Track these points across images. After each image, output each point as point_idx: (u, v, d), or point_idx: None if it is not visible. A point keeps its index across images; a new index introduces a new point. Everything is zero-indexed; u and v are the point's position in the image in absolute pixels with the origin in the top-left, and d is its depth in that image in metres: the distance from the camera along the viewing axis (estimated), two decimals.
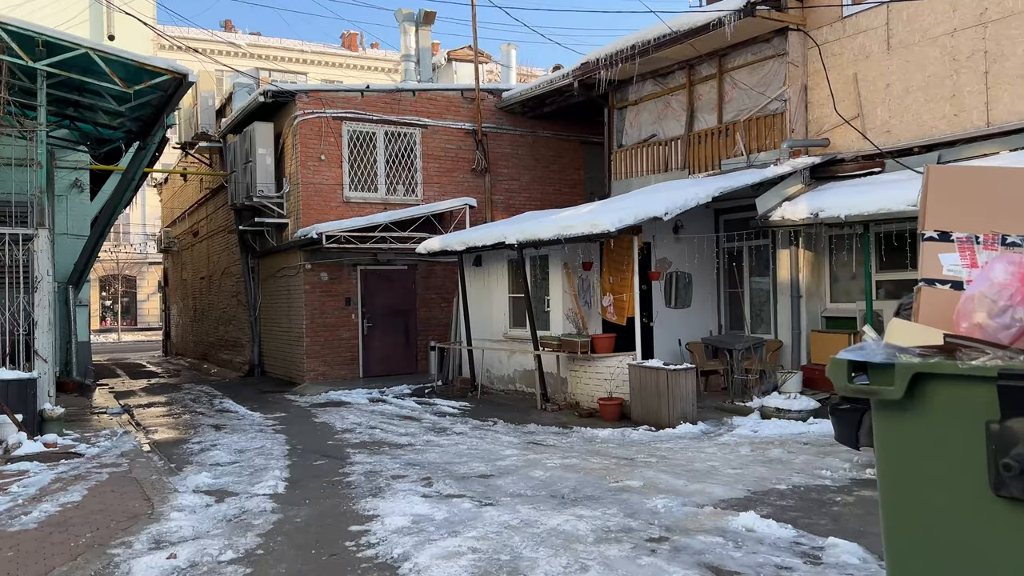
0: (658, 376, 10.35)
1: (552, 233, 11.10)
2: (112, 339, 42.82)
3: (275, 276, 18.36)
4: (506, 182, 18.81)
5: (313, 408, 13.21)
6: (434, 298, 17.84)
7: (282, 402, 14.26)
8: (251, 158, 17.08)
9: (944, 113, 10.93)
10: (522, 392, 13.49)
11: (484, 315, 14.47)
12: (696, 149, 14.38)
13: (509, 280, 13.93)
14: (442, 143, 17.99)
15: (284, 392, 15.74)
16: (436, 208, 16.59)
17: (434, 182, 17.85)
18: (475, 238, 13.27)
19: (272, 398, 14.87)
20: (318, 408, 13.19)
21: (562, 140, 19.56)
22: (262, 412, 12.93)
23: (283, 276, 17.72)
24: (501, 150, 18.76)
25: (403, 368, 17.33)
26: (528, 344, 13.07)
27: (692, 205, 10.88)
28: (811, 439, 9.07)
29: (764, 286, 13.51)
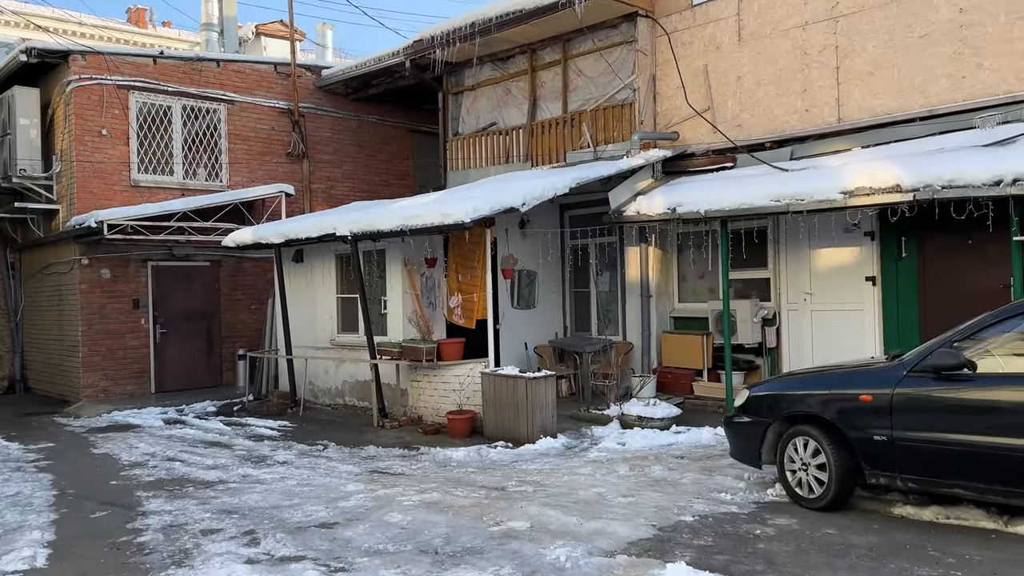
0: (515, 386, 9.20)
1: (394, 224, 9.62)
2: None
3: (42, 273, 15.25)
4: (327, 169, 16.96)
5: (92, 434, 10.76)
6: (243, 300, 15.62)
7: (50, 427, 11.60)
8: (9, 130, 13.99)
9: (796, 108, 10.70)
10: (353, 407, 11.84)
11: (307, 319, 12.64)
12: (540, 139, 13.45)
13: (338, 278, 12.22)
14: (252, 122, 15.82)
15: (54, 414, 12.94)
16: (246, 195, 14.45)
17: (243, 166, 15.64)
18: (297, 229, 11.46)
19: (37, 422, 12.10)
20: (98, 434, 10.76)
21: (389, 126, 17.99)
22: (21, 442, 10.31)
23: (53, 273, 14.73)
24: (321, 134, 16.87)
25: (206, 381, 14.99)
26: (361, 352, 11.46)
27: (550, 196, 9.85)
28: (683, 451, 8.31)
29: (612, 286, 12.82)
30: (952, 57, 9.31)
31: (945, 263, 9.45)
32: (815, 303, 10.62)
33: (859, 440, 5.55)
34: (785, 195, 9.29)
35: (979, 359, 5.22)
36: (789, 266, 10.87)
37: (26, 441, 10.40)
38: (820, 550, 4.93)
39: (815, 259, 10.61)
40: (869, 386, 5.56)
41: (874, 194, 8.63)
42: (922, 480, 5.31)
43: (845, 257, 10.31)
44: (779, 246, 10.93)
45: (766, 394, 6.27)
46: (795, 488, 5.95)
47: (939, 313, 9.48)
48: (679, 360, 11.31)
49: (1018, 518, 5.21)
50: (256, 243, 12.25)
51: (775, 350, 10.99)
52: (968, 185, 7.94)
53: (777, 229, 10.91)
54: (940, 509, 5.53)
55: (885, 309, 9.96)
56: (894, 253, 9.85)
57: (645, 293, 11.84)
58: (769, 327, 10.94)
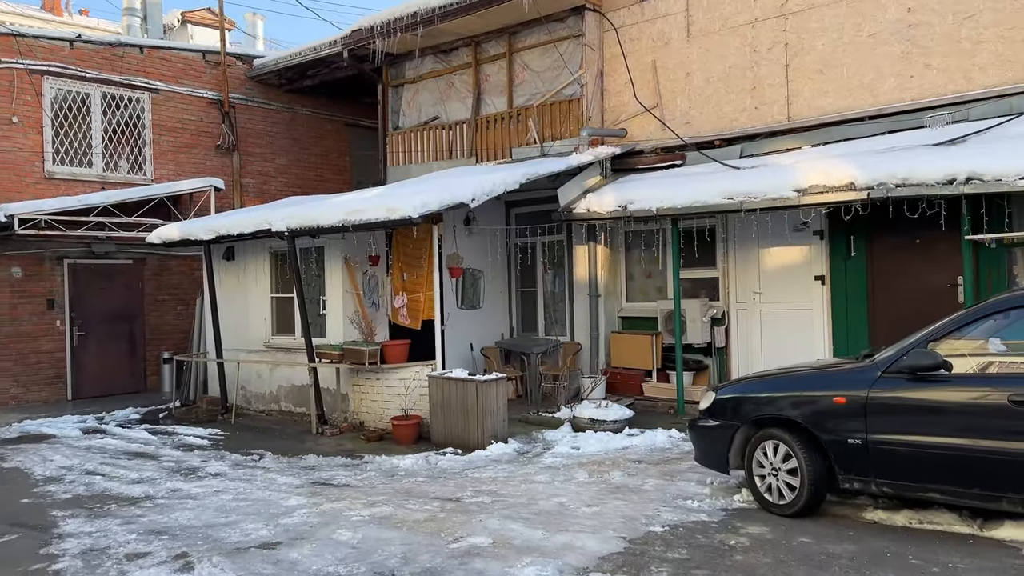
0: (465, 389, 8.80)
1: (335, 219, 9.09)
2: None
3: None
4: (258, 163, 16.20)
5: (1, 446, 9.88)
6: (168, 300, 14.77)
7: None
8: None
9: (745, 105, 10.61)
10: (290, 413, 11.23)
11: (239, 320, 11.95)
12: (484, 135, 13.08)
13: (272, 277, 11.58)
14: (179, 113, 14.97)
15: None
16: (172, 189, 13.63)
17: (169, 159, 14.78)
18: (229, 225, 10.78)
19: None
20: (7, 446, 9.88)
21: (325, 120, 17.33)
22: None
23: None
24: (253, 126, 16.11)
25: (128, 386, 14.09)
26: (298, 354, 10.87)
27: (500, 191, 9.49)
28: (640, 455, 8.06)
29: (560, 285, 12.54)
30: (900, 56, 9.33)
31: (893, 262, 9.48)
32: (764, 303, 10.54)
33: (832, 444, 5.36)
34: (739, 193, 9.16)
35: (954, 359, 5.08)
36: (738, 265, 10.78)
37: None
38: (800, 561, 4.71)
39: (764, 258, 10.54)
40: (842, 388, 5.38)
41: (828, 192, 8.56)
42: (898, 484, 5.15)
43: (794, 256, 10.27)
44: (728, 245, 10.83)
45: (733, 396, 6.05)
46: (764, 494, 5.74)
47: (888, 312, 9.51)
48: (628, 360, 11.10)
49: (992, 521, 5.10)
50: (184, 239, 11.51)
51: (724, 350, 10.89)
52: (922, 184, 7.92)
53: (727, 228, 10.81)
54: (912, 513, 5.40)
55: (834, 308, 9.94)
56: (843, 252, 9.84)
57: (593, 293, 11.59)
58: (718, 327, 10.83)
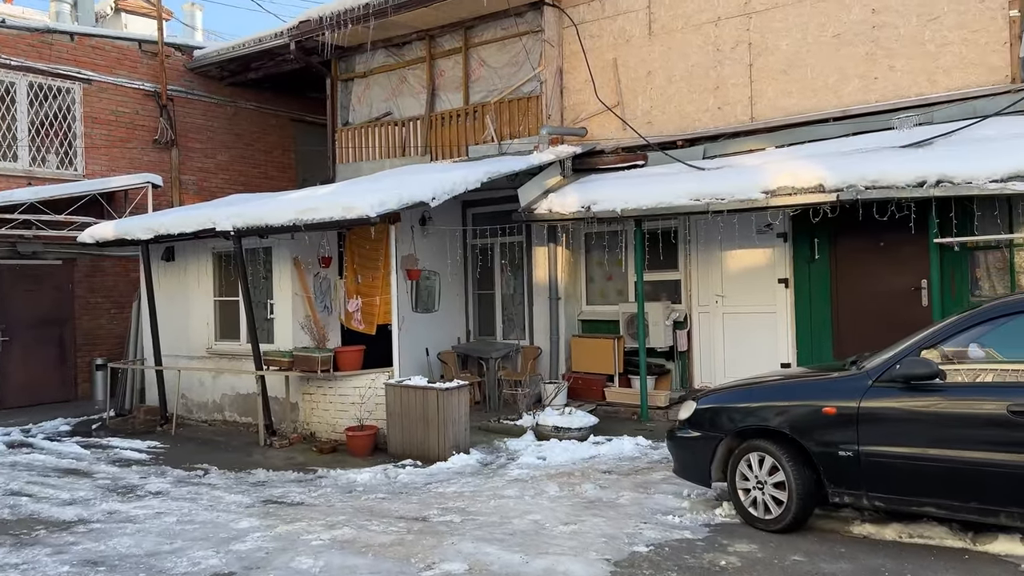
0: (426, 398, 8.38)
1: (286, 218, 8.56)
2: None
3: None
4: (199, 160, 15.44)
5: None
6: (102, 303, 13.92)
7: None
8: None
9: (708, 106, 10.44)
10: (234, 423, 10.62)
11: (179, 325, 11.27)
12: (439, 132, 12.65)
13: (216, 279, 10.94)
14: (113, 105, 14.13)
15: None
16: (107, 185, 12.82)
17: (101, 153, 13.94)
18: (169, 223, 10.12)
19: None
20: None
21: (269, 115, 16.64)
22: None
23: None
24: (192, 120, 15.34)
25: (57, 395, 13.22)
26: (243, 361, 10.29)
27: (461, 190, 9.10)
28: (609, 464, 7.78)
29: (518, 287, 12.21)
30: (865, 58, 9.27)
31: (857, 265, 9.41)
32: (727, 305, 10.40)
33: (822, 456, 5.14)
34: (705, 194, 8.96)
35: (946, 367, 4.91)
36: (700, 268, 10.61)
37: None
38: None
39: (727, 261, 10.40)
40: (832, 397, 5.17)
41: (797, 194, 8.42)
42: (891, 499, 4.95)
43: (758, 259, 10.14)
44: (691, 247, 10.66)
45: (715, 407, 5.79)
46: (749, 508, 5.49)
47: (851, 315, 9.44)
48: (590, 365, 10.82)
49: (984, 535, 4.95)
50: (119, 239, 10.79)
51: (686, 354, 10.71)
52: (892, 186, 7.83)
53: (689, 230, 10.63)
54: (901, 527, 5.21)
55: (798, 311, 9.85)
56: (807, 255, 9.74)
57: (554, 295, 11.29)
58: (680, 330, 10.64)
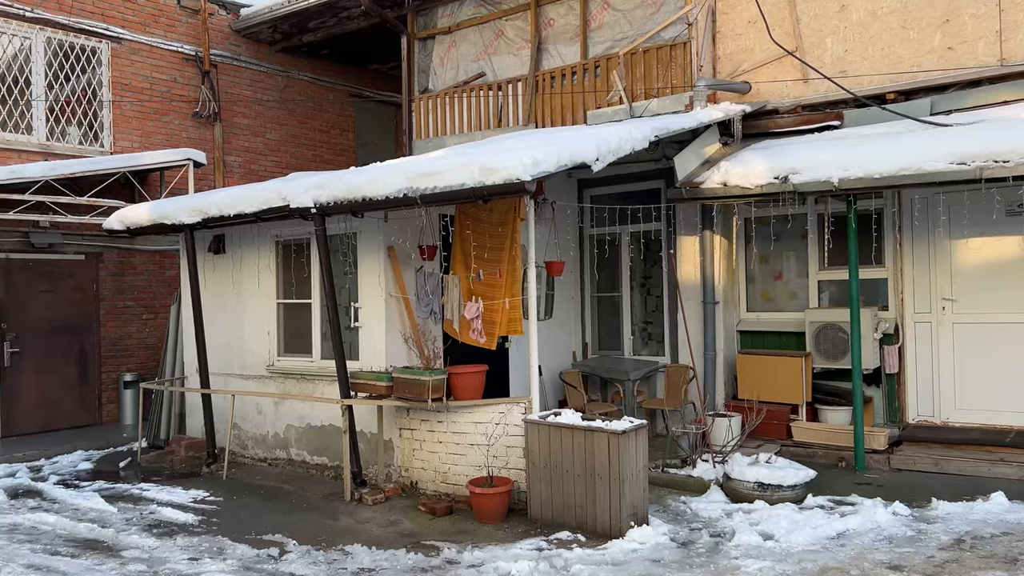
0: (589, 443, 5.83)
1: (394, 187, 6.05)
2: None
3: None
4: (245, 138, 13.07)
5: None
6: (132, 307, 11.56)
7: None
8: None
9: (932, 46, 7.84)
10: (304, 464, 8.13)
11: (230, 334, 8.84)
12: (547, 95, 10.16)
13: (279, 276, 8.48)
14: (147, 69, 11.79)
15: None
16: (138, 162, 10.44)
17: (132, 127, 11.60)
18: (221, 203, 7.69)
19: None
20: None
21: (326, 88, 14.25)
22: None
23: None
24: (239, 91, 12.99)
25: (78, 419, 10.87)
26: (315, 383, 7.83)
27: (628, 150, 6.54)
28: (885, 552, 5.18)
29: (654, 289, 9.65)
30: None
31: None
32: (959, 313, 7.78)
33: None
34: (977, 154, 6.36)
35: None
36: (917, 263, 8.01)
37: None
38: None
39: (959, 252, 7.78)
40: None
41: None
42: None
43: (1008, 250, 7.52)
44: (904, 235, 8.06)
45: None
46: None
47: None
48: (767, 391, 8.21)
49: None
50: (156, 224, 8.38)
51: (895, 377, 8.10)
52: None
53: (901, 211, 8.04)
54: None
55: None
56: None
57: (709, 299, 8.73)
58: (888, 346, 8.04)
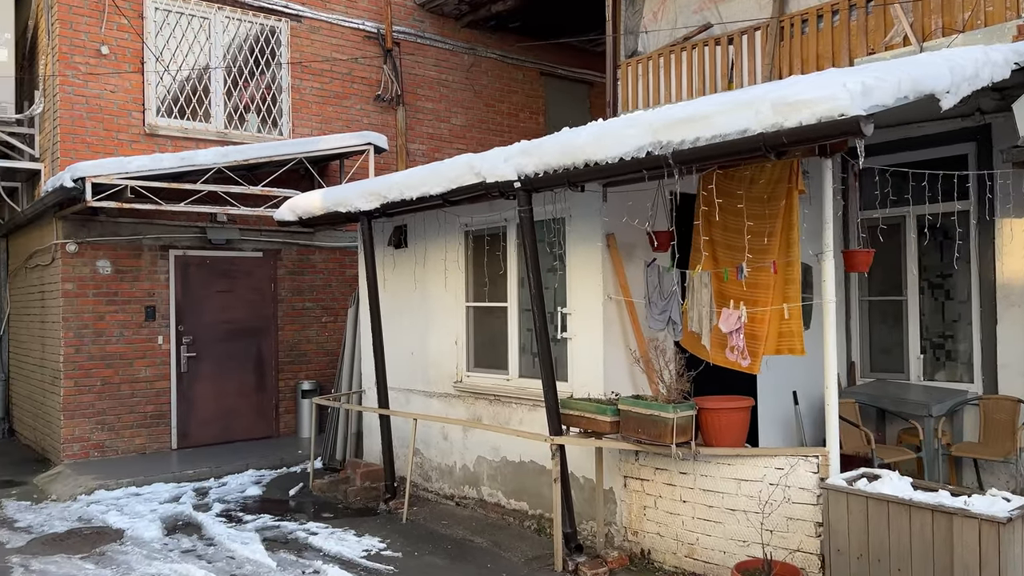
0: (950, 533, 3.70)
1: (635, 143, 4.23)
2: None
3: (26, 267, 10.59)
4: (429, 123, 11.84)
5: (27, 555, 5.78)
6: (311, 308, 10.61)
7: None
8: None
9: None
10: (498, 508, 6.52)
11: (411, 343, 7.45)
12: (795, 45, 7.96)
13: (468, 274, 6.96)
14: (327, 49, 10.82)
15: (13, 485, 8.14)
16: (316, 147, 9.38)
17: (312, 112, 10.64)
18: (404, 182, 6.26)
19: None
20: (39, 557, 5.78)
21: (514, 66, 12.78)
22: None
23: (36, 267, 10.01)
24: (423, 72, 11.78)
25: (253, 430, 10.01)
26: (512, 407, 6.20)
27: (986, 79, 4.31)
28: None
29: (955, 290, 7.20)
30: None
31: None
32: None
33: None
34: None
35: None
36: None
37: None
38: None
39: None
40: None
41: None
42: None
43: None
44: None
45: None
46: None
47: None
48: None
49: None
50: (331, 212, 7.12)
51: None
52: None
53: None
54: None
55: None
56: None
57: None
58: None
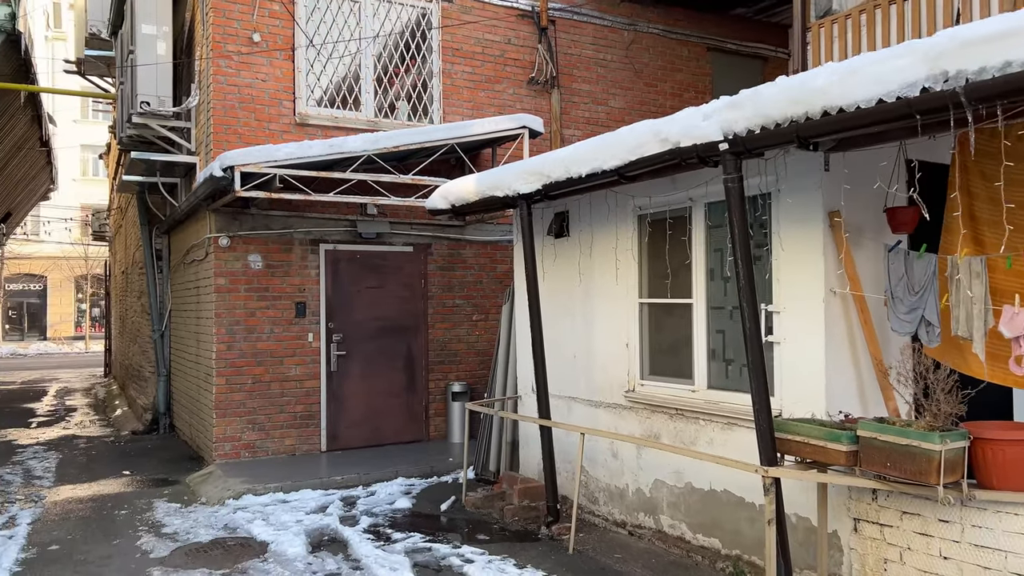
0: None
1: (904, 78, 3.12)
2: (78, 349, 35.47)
3: (183, 263, 10.62)
4: (586, 106, 10.94)
5: (172, 564, 5.39)
6: (461, 306, 9.98)
7: (126, 527, 6.42)
8: (132, 46, 9.35)
9: None
10: (683, 543, 5.49)
11: (576, 345, 6.56)
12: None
13: (642, 265, 5.99)
14: (479, 30, 10.17)
15: (165, 484, 7.98)
16: (468, 131, 8.68)
17: (463, 98, 10.02)
18: (571, 158, 5.38)
19: (124, 507, 7.03)
20: (185, 562, 5.37)
21: (679, 41, 11.65)
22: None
23: (192, 262, 9.97)
24: (579, 51, 10.90)
25: (402, 433, 9.50)
26: (700, 424, 5.18)
27: None
28: None
29: None
30: None
31: None
32: None
33: None
34: None
35: None
36: None
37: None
38: None
39: None
40: None
41: None
42: None
43: None
44: None
45: None
46: None
47: None
48: None
49: None
50: (485, 198, 6.36)
51: None
52: None
53: None
54: None
55: None
56: None
57: None
58: None
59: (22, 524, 6.54)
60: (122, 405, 14.48)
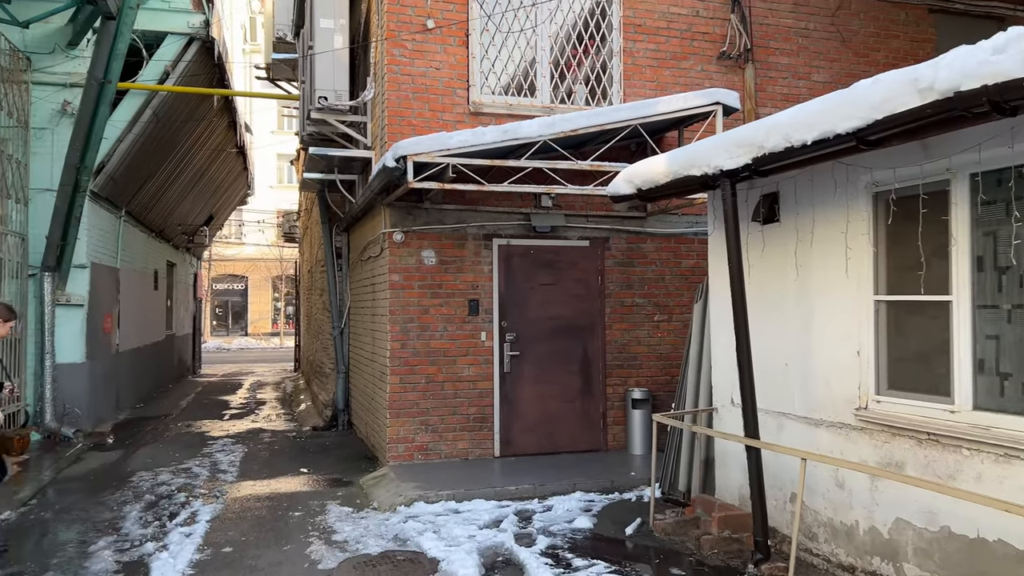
0: None
1: None
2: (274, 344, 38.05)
3: (360, 260, 10.55)
4: (784, 81, 9.75)
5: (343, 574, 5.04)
6: (641, 305, 9.15)
7: (296, 531, 6.19)
8: (311, 41, 9.34)
9: None
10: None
11: (787, 350, 5.56)
12: None
13: (878, 255, 4.91)
14: (664, 4, 9.31)
15: (339, 485, 7.79)
16: (652, 110, 7.84)
17: (645, 79, 9.19)
18: (792, 122, 4.44)
19: (298, 508, 6.86)
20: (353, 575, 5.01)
21: (895, 4, 10.16)
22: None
23: (368, 259, 9.84)
24: (776, 20, 9.74)
25: (578, 441, 8.81)
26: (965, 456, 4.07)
27: None
28: None
29: None
30: None
31: None
32: None
33: None
34: None
35: None
36: None
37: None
38: None
39: None
40: None
41: None
42: None
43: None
44: None
45: None
46: None
47: None
48: None
49: None
50: (678, 178, 5.52)
51: None
52: None
53: None
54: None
55: None
56: None
57: None
58: None
59: (201, 521, 6.50)
60: (306, 400, 14.90)
